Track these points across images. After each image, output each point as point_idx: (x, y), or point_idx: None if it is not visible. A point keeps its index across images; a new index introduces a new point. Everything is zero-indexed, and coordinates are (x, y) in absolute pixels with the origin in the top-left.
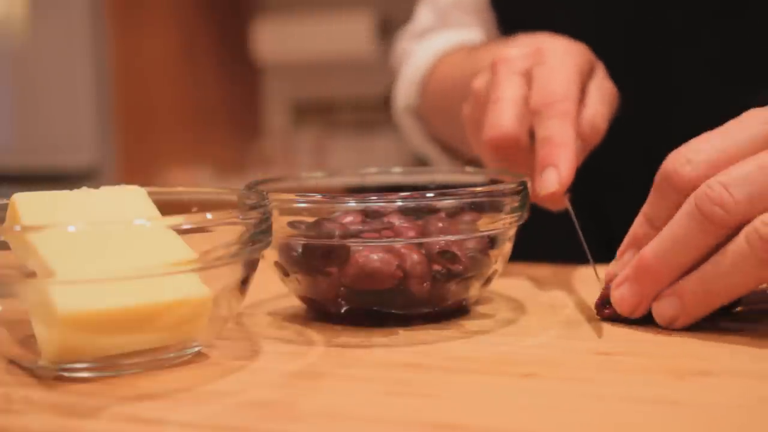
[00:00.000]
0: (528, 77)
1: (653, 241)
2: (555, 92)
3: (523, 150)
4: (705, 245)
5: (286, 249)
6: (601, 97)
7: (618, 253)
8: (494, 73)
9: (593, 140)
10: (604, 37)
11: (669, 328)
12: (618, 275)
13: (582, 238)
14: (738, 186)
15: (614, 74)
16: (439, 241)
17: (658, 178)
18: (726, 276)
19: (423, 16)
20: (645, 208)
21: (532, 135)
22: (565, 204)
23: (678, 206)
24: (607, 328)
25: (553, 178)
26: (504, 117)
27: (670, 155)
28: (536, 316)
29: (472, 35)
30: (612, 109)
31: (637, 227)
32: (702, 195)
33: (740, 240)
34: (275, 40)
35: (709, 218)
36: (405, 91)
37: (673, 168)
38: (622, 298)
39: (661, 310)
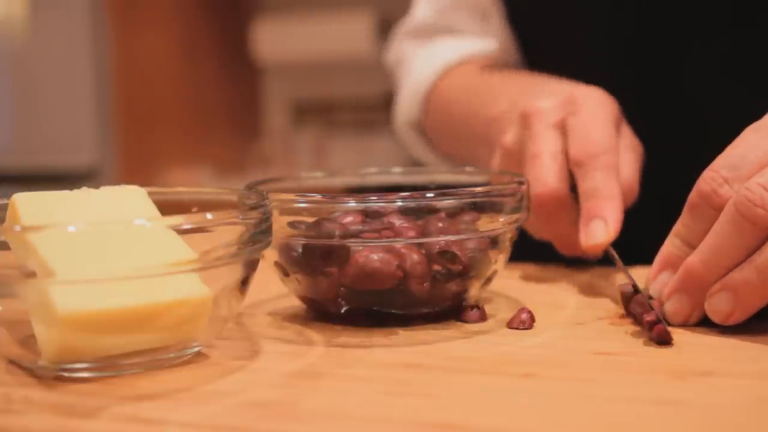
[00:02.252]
0: (562, 128)
1: (697, 250)
2: (597, 144)
3: (565, 206)
4: (749, 247)
5: (286, 249)
6: (634, 158)
7: (650, 275)
8: (528, 127)
9: (629, 201)
10: (615, 42)
11: (724, 324)
12: (665, 291)
13: (630, 277)
14: None
15: (625, 81)
16: (439, 241)
17: (694, 199)
18: None
19: (421, 11)
20: (679, 229)
21: (572, 188)
22: (606, 252)
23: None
24: (608, 328)
25: (601, 230)
26: (547, 174)
27: (703, 175)
28: (536, 316)
29: (478, 46)
30: (641, 164)
31: (670, 248)
32: (742, 199)
33: None
34: (275, 40)
35: (753, 220)
36: (407, 105)
37: (711, 189)
38: (674, 310)
39: (716, 307)
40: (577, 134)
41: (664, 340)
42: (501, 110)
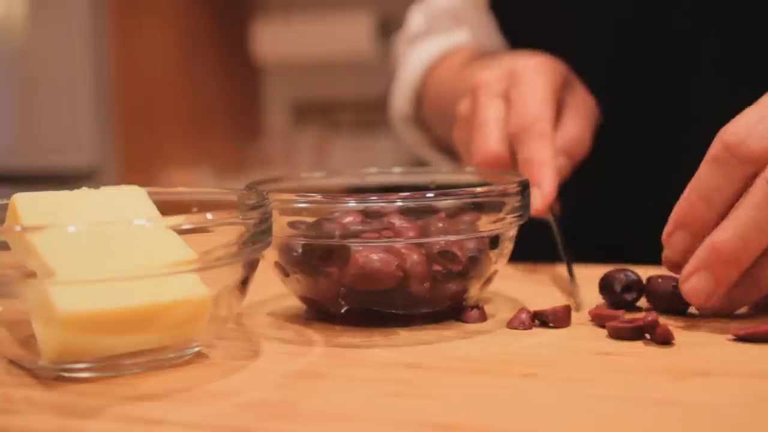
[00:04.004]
0: (506, 98)
1: (726, 225)
2: (529, 115)
3: (508, 168)
4: None
5: (286, 249)
6: (581, 112)
7: (665, 234)
8: (474, 98)
9: (578, 155)
10: (604, 39)
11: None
12: (686, 264)
13: (562, 248)
14: None
15: (612, 79)
16: (439, 241)
17: (717, 150)
18: None
19: (415, 21)
20: (698, 184)
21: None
22: (549, 216)
23: (741, 180)
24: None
25: (537, 197)
26: (489, 141)
27: (725, 129)
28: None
29: (459, 39)
30: (593, 119)
31: (686, 206)
32: None
33: None
34: (275, 40)
35: None
36: (400, 101)
37: (738, 140)
38: (696, 288)
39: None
40: (514, 107)
41: (666, 341)
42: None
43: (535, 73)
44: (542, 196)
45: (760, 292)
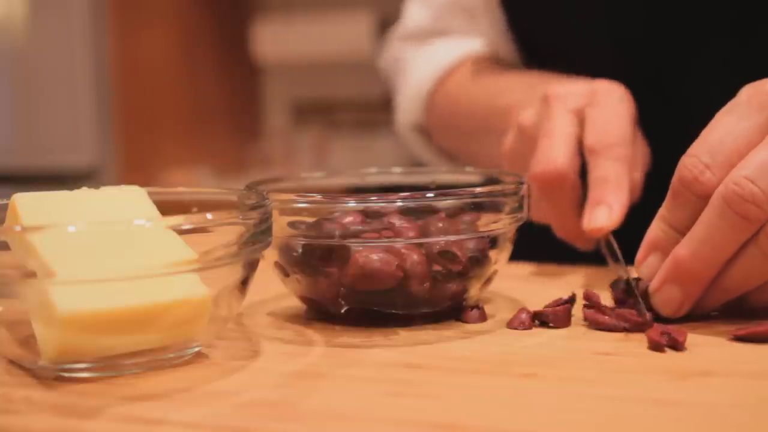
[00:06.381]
0: (580, 116)
1: (687, 242)
2: (614, 135)
3: (569, 187)
4: (741, 241)
5: (286, 249)
6: (641, 161)
7: (638, 258)
8: (547, 108)
9: (631, 200)
10: (617, 40)
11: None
12: (653, 282)
13: (626, 271)
14: (763, 178)
15: (626, 80)
16: (439, 241)
17: (676, 185)
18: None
19: (415, 13)
20: (664, 213)
21: (579, 173)
22: (599, 246)
23: (701, 210)
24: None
25: (604, 215)
26: (556, 153)
27: (683, 161)
28: None
29: (474, 45)
30: (646, 167)
31: (657, 231)
32: (732, 194)
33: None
34: (275, 40)
35: (745, 216)
36: (409, 107)
37: (693, 176)
38: (665, 300)
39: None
40: (595, 124)
41: (679, 348)
42: (516, 99)
43: (618, 100)
44: (610, 218)
45: (727, 296)
